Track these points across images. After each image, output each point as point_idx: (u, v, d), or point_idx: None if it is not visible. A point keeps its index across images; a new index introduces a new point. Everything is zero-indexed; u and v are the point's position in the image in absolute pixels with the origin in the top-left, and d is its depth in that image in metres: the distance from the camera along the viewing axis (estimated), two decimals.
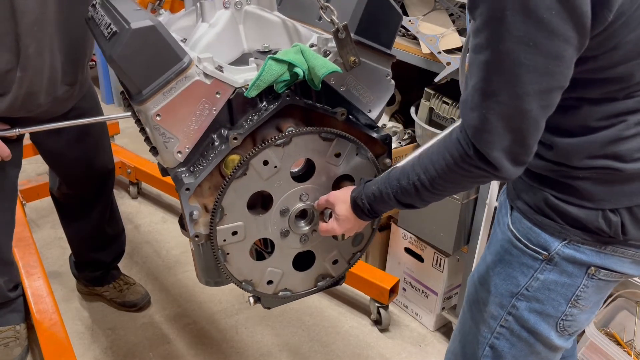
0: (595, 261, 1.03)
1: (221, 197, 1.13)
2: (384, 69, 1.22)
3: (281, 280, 1.31)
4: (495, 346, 1.16)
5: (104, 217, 2.15)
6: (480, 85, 0.87)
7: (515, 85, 0.84)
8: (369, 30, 1.16)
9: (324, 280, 1.36)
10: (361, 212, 1.13)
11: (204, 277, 1.31)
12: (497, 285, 1.13)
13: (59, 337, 1.84)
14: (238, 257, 1.23)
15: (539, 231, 1.05)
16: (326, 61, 1.10)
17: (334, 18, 1.08)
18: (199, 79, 1.06)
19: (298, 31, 1.28)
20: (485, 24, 0.84)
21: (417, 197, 1.03)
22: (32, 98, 1.59)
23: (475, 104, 0.89)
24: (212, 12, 1.24)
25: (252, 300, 1.32)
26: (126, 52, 1.00)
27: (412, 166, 1.02)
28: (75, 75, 1.71)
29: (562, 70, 0.85)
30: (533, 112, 0.87)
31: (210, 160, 1.12)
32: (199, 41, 1.21)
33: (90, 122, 1.83)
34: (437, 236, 2.05)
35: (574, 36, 0.82)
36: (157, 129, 1.07)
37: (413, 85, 2.27)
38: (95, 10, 1.26)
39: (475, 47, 0.87)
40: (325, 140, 1.18)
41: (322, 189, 1.23)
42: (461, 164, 0.94)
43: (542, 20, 0.79)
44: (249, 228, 1.20)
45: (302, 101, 1.14)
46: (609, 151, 0.95)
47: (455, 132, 0.95)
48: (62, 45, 1.59)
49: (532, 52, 0.82)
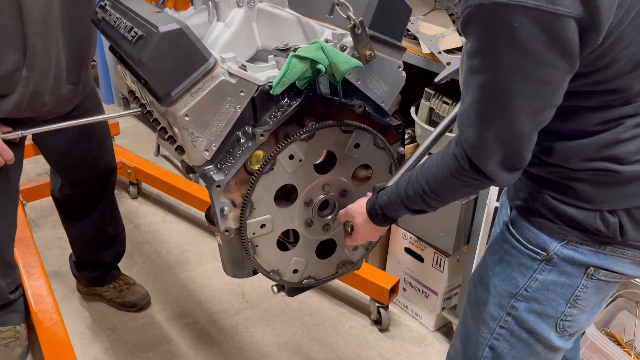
0: (594, 261, 1.03)
1: (251, 192, 1.18)
2: (396, 61, 1.27)
3: (306, 269, 1.36)
4: (495, 347, 1.16)
5: (105, 216, 2.15)
6: (475, 106, 0.91)
7: (508, 109, 0.88)
8: (382, 24, 1.20)
9: (344, 266, 1.42)
10: (378, 220, 1.17)
11: (232, 269, 1.35)
12: (496, 286, 1.14)
13: (59, 337, 1.85)
14: (266, 248, 1.27)
15: (538, 232, 1.06)
16: (348, 57, 1.13)
17: (351, 14, 1.11)
18: (225, 79, 1.09)
19: (312, 27, 1.31)
20: (476, 51, 0.88)
21: (425, 204, 1.08)
22: (37, 97, 1.59)
23: (471, 122, 0.93)
24: (227, 12, 1.27)
25: (276, 289, 1.38)
26: (156, 55, 1.02)
27: (416, 177, 1.07)
28: (79, 74, 1.71)
29: (553, 92, 0.88)
30: (526, 131, 0.91)
31: (237, 157, 1.16)
32: (216, 41, 1.23)
33: (92, 121, 1.83)
34: (437, 236, 2.05)
35: (562, 62, 0.85)
36: (185, 129, 1.10)
37: (413, 85, 2.27)
38: (105, 12, 1.27)
39: (470, 69, 0.91)
40: (346, 133, 1.24)
41: (342, 178, 1.30)
42: (458, 176, 0.99)
43: (528, 51, 0.83)
44: (276, 220, 1.25)
45: (324, 96, 1.18)
46: (607, 154, 0.96)
47: (452, 147, 1.00)
48: (67, 44, 1.60)
49: (522, 79, 0.85)
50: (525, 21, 0.81)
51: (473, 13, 0.84)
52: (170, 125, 1.16)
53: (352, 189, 1.32)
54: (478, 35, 0.86)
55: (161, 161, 3.51)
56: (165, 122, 1.21)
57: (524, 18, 0.80)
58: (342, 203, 1.31)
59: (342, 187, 1.30)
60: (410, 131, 2.24)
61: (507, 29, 0.82)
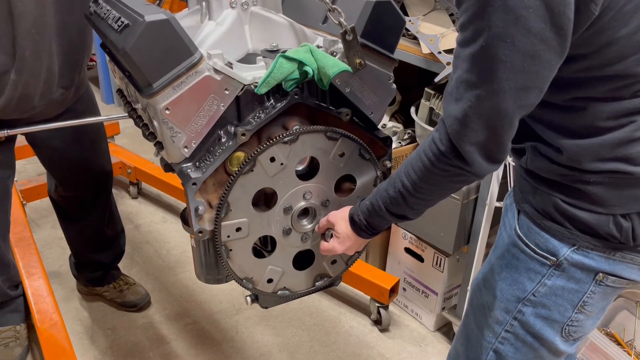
0: (604, 267, 1.02)
1: (228, 192, 1.15)
2: (387, 73, 1.24)
3: (281, 279, 1.31)
4: (500, 351, 1.15)
5: (102, 219, 2.15)
6: (463, 77, 0.90)
7: (493, 81, 0.87)
8: (374, 34, 1.18)
9: (322, 280, 1.37)
10: (359, 229, 1.15)
11: (204, 274, 1.32)
12: (502, 290, 1.12)
13: (59, 337, 1.84)
14: (240, 254, 1.24)
15: (548, 236, 1.04)
16: (336, 61, 1.12)
17: (342, 20, 1.10)
18: (209, 75, 1.07)
19: (304, 33, 1.29)
20: (469, 20, 0.87)
21: (406, 205, 1.05)
22: (26, 100, 1.59)
23: (456, 95, 0.91)
24: (219, 11, 1.26)
25: (250, 300, 1.33)
26: (139, 44, 1.00)
27: (397, 174, 1.05)
28: (72, 79, 1.70)
29: (539, 70, 0.86)
30: (509, 110, 0.89)
31: (217, 156, 1.13)
32: (206, 39, 1.22)
33: (83, 123, 1.81)
34: (437, 236, 2.05)
35: (552, 36, 0.83)
36: (165, 123, 1.08)
37: (413, 85, 2.27)
38: (98, 5, 1.26)
39: (461, 42, 0.90)
40: (330, 140, 1.20)
41: (325, 188, 1.25)
42: (436, 162, 0.96)
43: (519, 18, 0.81)
44: (253, 225, 1.22)
45: (310, 100, 1.16)
46: (620, 153, 0.94)
47: (432, 134, 0.98)
48: (60, 48, 1.59)
49: (509, 49, 0.84)
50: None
51: None
52: (151, 118, 1.14)
53: (334, 199, 1.28)
54: (471, 3, 0.85)
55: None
56: (147, 117, 1.18)
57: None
58: (323, 213, 1.27)
59: (324, 197, 1.26)
60: (410, 131, 2.24)
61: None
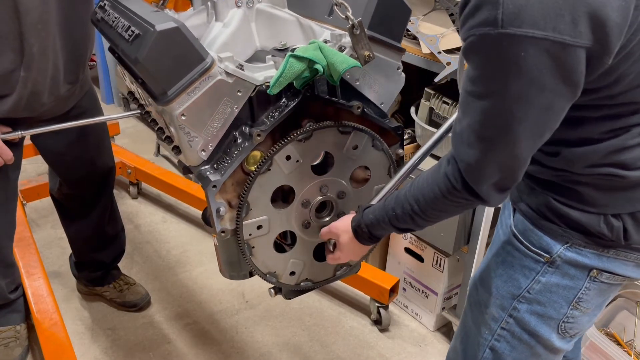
0: (597, 264, 1.03)
1: (247, 193, 1.17)
2: (395, 62, 1.26)
3: (303, 271, 1.35)
4: (496, 348, 1.16)
5: (104, 216, 2.15)
6: (476, 127, 0.91)
7: (509, 134, 0.88)
8: (381, 25, 1.20)
9: (341, 269, 1.41)
10: (363, 239, 1.17)
11: (229, 271, 1.35)
12: (498, 287, 1.14)
13: (59, 337, 1.84)
14: (263, 250, 1.27)
15: (541, 234, 1.05)
16: (346, 57, 1.13)
17: (349, 14, 1.11)
18: (222, 78, 1.09)
19: (311, 28, 1.30)
20: (479, 78, 0.87)
21: (413, 223, 1.08)
22: (35, 98, 1.59)
23: (470, 142, 0.92)
24: (225, 12, 1.27)
25: (273, 292, 1.37)
26: (152, 54, 1.02)
27: (405, 196, 1.06)
28: (77, 74, 1.71)
29: (554, 118, 0.88)
30: (524, 155, 0.92)
31: (234, 157, 1.16)
32: (214, 41, 1.23)
33: (92, 123, 1.83)
34: (437, 236, 2.05)
35: (564, 89, 0.84)
36: (182, 129, 1.10)
37: (413, 85, 2.27)
38: (105, 12, 1.27)
39: (472, 92, 0.89)
40: (344, 134, 1.23)
41: (340, 180, 1.29)
42: (449, 197, 0.99)
43: (533, 80, 0.82)
44: (273, 221, 1.25)
45: (321, 96, 1.18)
46: (613, 160, 0.95)
47: (443, 167, 0.99)
48: (64, 43, 1.59)
49: (525, 107, 0.85)
50: (532, 51, 0.79)
51: (477, 42, 0.82)
52: (167, 124, 1.16)
53: (350, 190, 1.31)
54: (482, 63, 0.85)
55: (161, 161, 3.51)
56: (163, 122, 1.20)
57: (531, 48, 0.79)
58: (340, 205, 1.30)
59: (340, 189, 1.30)
60: (410, 131, 2.24)
61: (514, 59, 0.80)
